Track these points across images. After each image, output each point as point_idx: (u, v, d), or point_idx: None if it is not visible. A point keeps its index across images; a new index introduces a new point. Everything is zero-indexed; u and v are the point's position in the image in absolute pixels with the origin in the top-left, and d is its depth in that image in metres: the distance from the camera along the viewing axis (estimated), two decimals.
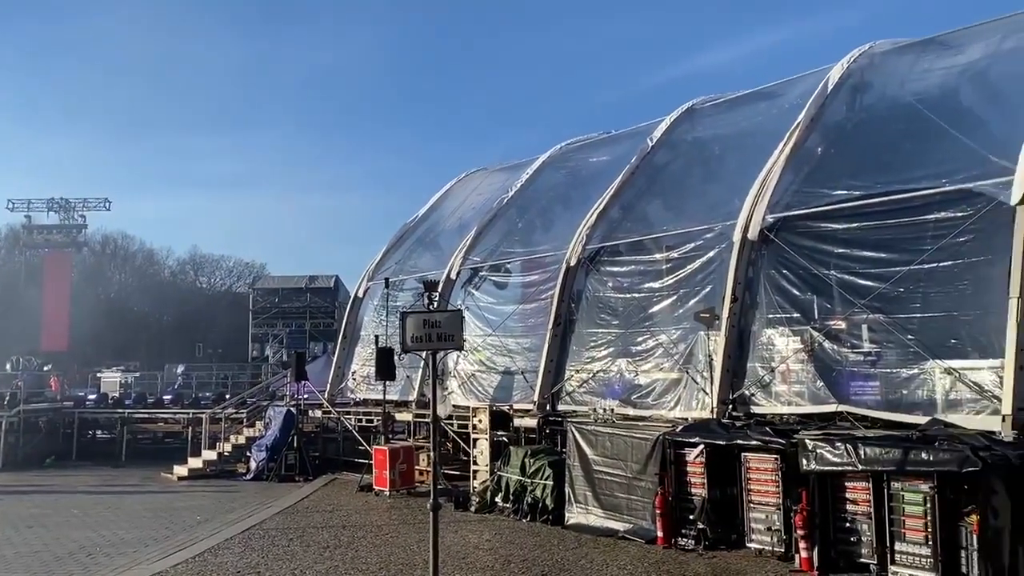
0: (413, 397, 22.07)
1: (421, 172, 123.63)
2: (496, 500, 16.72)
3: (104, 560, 13.52)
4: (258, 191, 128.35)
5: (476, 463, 18.02)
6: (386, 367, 19.88)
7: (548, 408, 17.99)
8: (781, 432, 12.46)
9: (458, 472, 19.54)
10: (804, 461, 11.41)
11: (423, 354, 11.01)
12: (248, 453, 24.64)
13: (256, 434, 25.51)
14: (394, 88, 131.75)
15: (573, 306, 18.70)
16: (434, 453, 10.90)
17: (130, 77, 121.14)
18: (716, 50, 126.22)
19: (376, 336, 22.73)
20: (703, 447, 13.04)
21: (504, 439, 17.99)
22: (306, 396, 25.23)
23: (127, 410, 31.58)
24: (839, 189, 14.52)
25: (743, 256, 15.01)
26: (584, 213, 19.30)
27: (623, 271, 18.08)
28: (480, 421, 18.18)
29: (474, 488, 17.70)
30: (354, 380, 25.20)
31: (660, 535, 13.18)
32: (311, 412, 25.53)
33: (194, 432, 27.83)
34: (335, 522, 16.43)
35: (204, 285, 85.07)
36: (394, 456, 19.46)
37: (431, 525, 9.81)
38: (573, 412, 16.94)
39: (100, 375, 41.48)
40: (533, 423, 17.79)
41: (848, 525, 11.20)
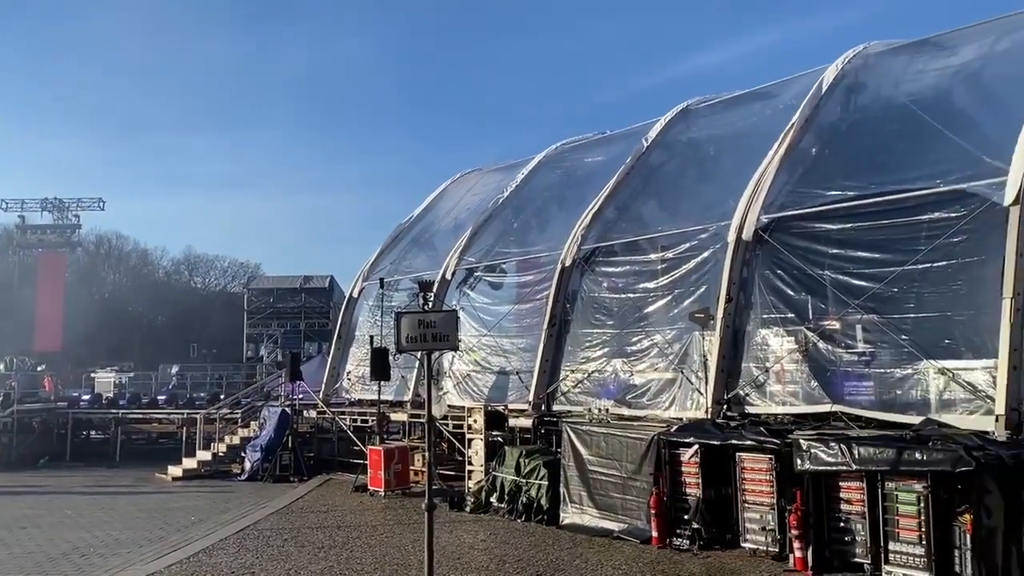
0: (408, 397, 22.02)
1: (416, 172, 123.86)
2: (491, 500, 16.72)
3: (98, 561, 13.51)
4: (253, 191, 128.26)
5: (471, 463, 18.02)
6: (381, 367, 19.86)
7: (543, 408, 18.00)
8: (775, 432, 12.50)
9: (453, 472, 19.56)
10: (798, 461, 11.45)
11: (418, 354, 10.98)
12: (243, 453, 24.63)
13: (251, 434, 25.48)
14: (389, 88, 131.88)
15: (568, 306, 18.72)
16: (429, 453, 10.90)
17: (125, 77, 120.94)
18: (715, 50, 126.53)
19: (371, 336, 22.72)
20: (698, 447, 13.07)
21: (499, 439, 18.00)
22: (301, 396, 25.21)
23: (121, 410, 31.55)
24: (833, 190, 14.59)
25: (738, 256, 15.06)
26: (579, 213, 19.33)
27: (618, 271, 18.10)
28: (475, 421, 18.18)
29: (469, 488, 17.71)
30: (349, 380, 25.18)
31: (655, 535, 13.21)
32: (306, 412, 25.48)
33: (188, 432, 27.78)
34: (330, 522, 16.42)
35: (199, 285, 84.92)
36: (389, 456, 19.47)
37: (426, 525, 9.82)
38: (568, 412, 16.95)
39: (94, 375, 41.23)
40: (528, 423, 17.81)
41: (842, 525, 11.25)
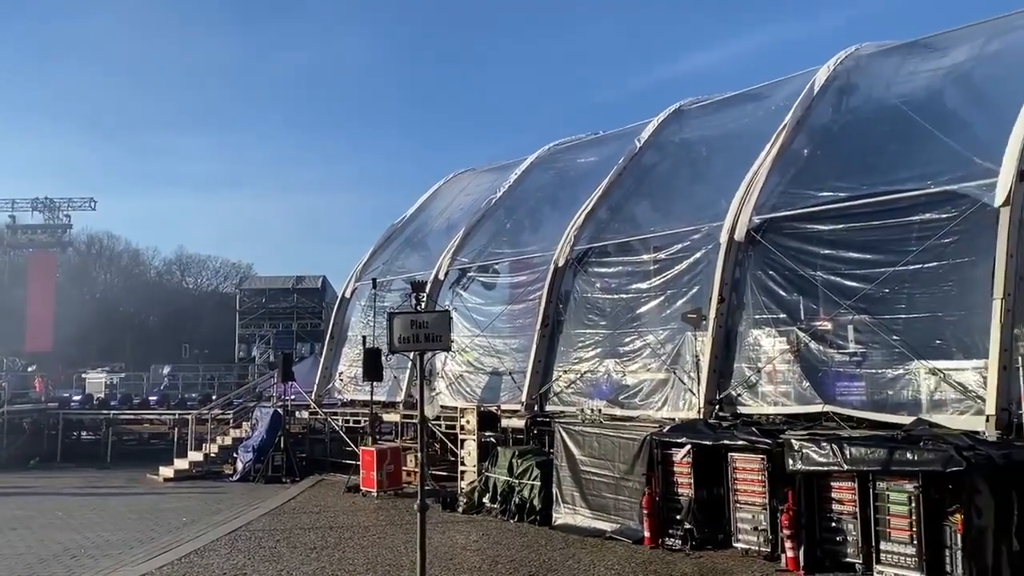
0: (401, 398, 22.00)
1: (409, 172, 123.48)
2: (484, 501, 16.71)
3: (89, 562, 13.43)
4: (245, 191, 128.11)
5: (464, 464, 18.00)
6: (373, 368, 19.85)
7: (536, 409, 18.00)
8: (767, 432, 12.53)
9: (446, 473, 19.51)
10: (790, 461, 11.47)
11: (411, 355, 10.98)
12: (235, 454, 24.54)
13: (243, 435, 25.37)
14: (382, 88, 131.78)
15: (561, 307, 18.71)
16: (421, 454, 10.90)
17: (116, 77, 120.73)
18: (714, 49, 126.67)
19: (363, 337, 22.69)
20: (690, 447, 13.08)
21: (492, 440, 17.99)
22: (293, 397, 25.13)
23: (112, 411, 31.32)
24: (825, 191, 14.62)
25: (730, 257, 15.08)
26: (572, 214, 19.33)
27: (611, 272, 18.12)
28: (468, 422, 18.16)
29: (462, 489, 17.69)
30: (341, 381, 25.12)
31: (647, 535, 13.21)
32: (298, 413, 25.42)
33: (180, 433, 27.62)
34: (322, 523, 16.38)
35: (190, 285, 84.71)
36: (381, 457, 19.42)
37: (418, 526, 9.79)
38: (561, 412, 16.95)
39: (85, 376, 41.12)
40: (521, 424, 17.81)
41: (834, 525, 11.27)
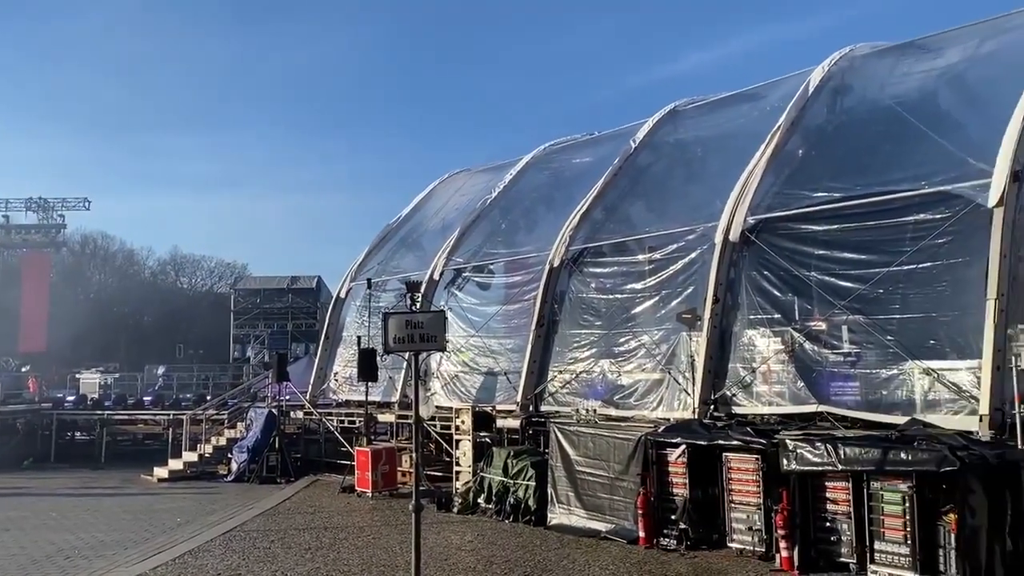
0: (395, 398, 21.98)
1: (407, 172, 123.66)
2: (479, 501, 16.70)
3: (82, 563, 13.40)
4: (240, 191, 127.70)
5: (459, 464, 17.99)
6: (368, 368, 19.84)
7: (531, 409, 18.01)
8: (762, 432, 12.56)
9: (441, 473, 19.52)
10: (785, 461, 11.50)
11: (406, 355, 10.95)
12: (229, 455, 24.49)
13: (237, 435, 25.32)
14: (377, 88, 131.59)
15: (556, 307, 18.73)
16: (416, 454, 10.88)
17: (111, 77, 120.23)
18: (714, 48, 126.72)
19: (358, 337, 22.68)
20: (685, 447, 13.10)
21: (487, 440, 17.99)
22: (288, 397, 25.10)
23: (107, 412, 31.32)
24: (819, 191, 14.67)
25: (724, 257, 15.12)
26: (567, 214, 19.36)
27: (606, 272, 18.14)
28: (463, 422, 18.15)
29: (457, 489, 17.68)
30: (336, 381, 25.11)
31: (642, 535, 13.22)
32: (293, 413, 25.38)
33: (175, 434, 27.60)
34: (317, 524, 16.36)
35: (185, 286, 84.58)
36: (376, 457, 19.41)
37: (413, 526, 9.80)
38: (556, 413, 16.96)
39: (79, 376, 40.96)
40: (516, 424, 17.82)
41: (828, 524, 11.31)
